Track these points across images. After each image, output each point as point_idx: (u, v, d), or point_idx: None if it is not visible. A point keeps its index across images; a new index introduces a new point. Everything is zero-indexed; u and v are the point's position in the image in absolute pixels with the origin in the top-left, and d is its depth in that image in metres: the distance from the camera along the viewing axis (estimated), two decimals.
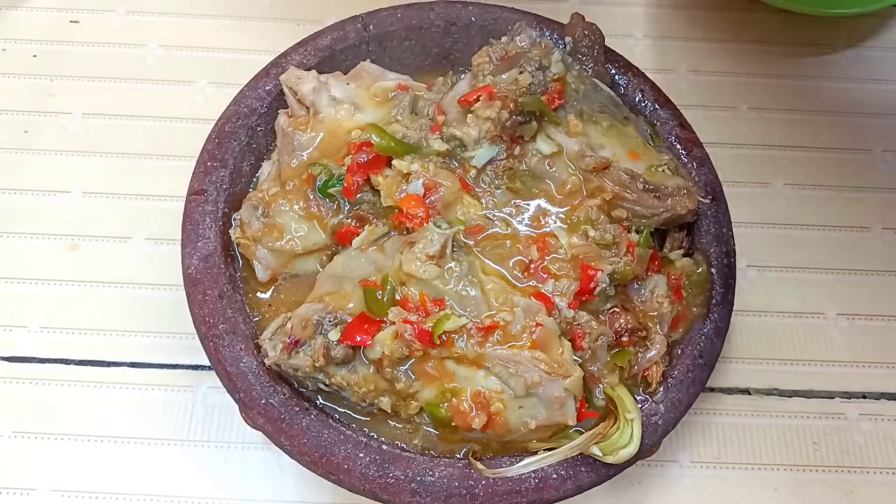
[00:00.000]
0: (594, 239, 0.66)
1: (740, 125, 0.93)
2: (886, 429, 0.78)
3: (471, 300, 0.62)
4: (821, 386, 0.80)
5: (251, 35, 0.95)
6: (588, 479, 0.62)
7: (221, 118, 0.75)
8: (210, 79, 0.93)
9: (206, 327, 0.66)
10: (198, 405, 0.77)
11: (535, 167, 0.69)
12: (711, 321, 0.69)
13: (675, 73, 0.96)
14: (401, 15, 0.80)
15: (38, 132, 0.89)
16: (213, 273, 0.68)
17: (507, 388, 0.61)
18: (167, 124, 0.90)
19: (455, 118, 0.70)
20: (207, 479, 0.74)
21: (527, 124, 0.68)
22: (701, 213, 0.73)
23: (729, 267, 0.71)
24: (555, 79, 0.71)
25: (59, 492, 0.73)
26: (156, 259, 0.83)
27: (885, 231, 0.87)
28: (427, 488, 0.61)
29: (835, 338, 0.82)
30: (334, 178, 0.68)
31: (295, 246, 0.69)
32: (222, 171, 0.72)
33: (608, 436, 0.61)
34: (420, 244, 0.62)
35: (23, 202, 0.85)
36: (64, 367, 0.78)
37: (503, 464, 0.62)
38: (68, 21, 0.96)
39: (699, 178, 0.75)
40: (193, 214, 0.70)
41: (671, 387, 0.66)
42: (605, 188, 0.68)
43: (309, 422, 0.63)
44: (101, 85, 0.92)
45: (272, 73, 0.77)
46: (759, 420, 0.78)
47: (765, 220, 0.88)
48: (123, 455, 0.74)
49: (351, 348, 0.62)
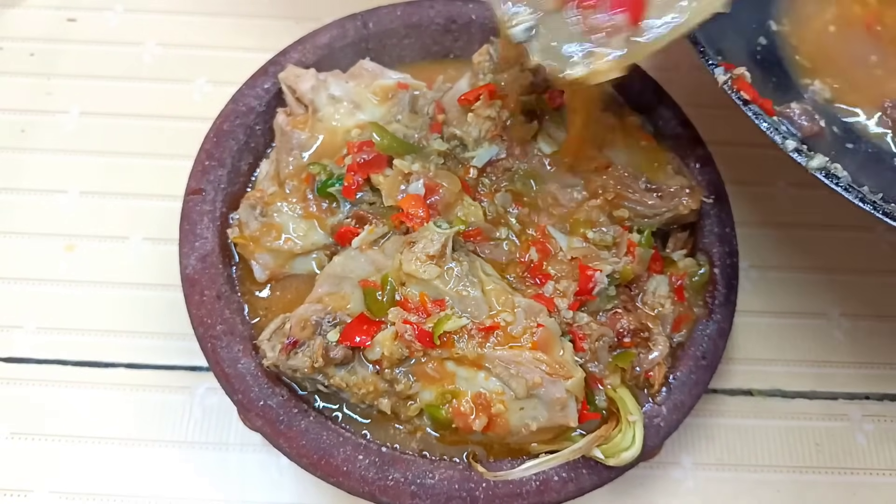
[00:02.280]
0: (594, 240, 0.66)
1: (743, 124, 0.92)
2: (889, 430, 0.78)
3: (471, 300, 0.61)
4: (823, 387, 0.79)
5: (250, 33, 0.95)
6: (589, 481, 0.62)
7: (219, 117, 0.74)
8: (208, 77, 0.92)
9: (204, 328, 0.66)
10: (195, 406, 0.76)
11: (535, 167, 0.69)
12: (714, 322, 0.68)
13: (678, 72, 0.95)
14: (400, 13, 0.79)
15: (35, 131, 0.89)
16: (211, 273, 0.68)
17: (507, 389, 0.60)
18: (165, 123, 0.90)
19: (455, 117, 0.69)
20: (205, 480, 0.73)
21: (528, 123, 0.68)
22: (703, 213, 0.72)
23: (732, 267, 0.71)
24: None
25: (57, 493, 0.72)
26: (153, 259, 0.82)
27: (888, 231, 0.87)
28: (427, 491, 0.61)
29: (837, 339, 0.82)
30: (334, 178, 0.68)
31: (293, 246, 0.68)
32: (220, 171, 0.72)
33: (610, 438, 0.61)
34: (420, 244, 0.62)
35: (20, 202, 0.85)
36: (61, 367, 0.77)
37: (504, 466, 0.62)
38: (66, 19, 0.96)
39: (702, 177, 0.74)
40: (191, 214, 0.70)
41: (673, 388, 0.66)
42: (607, 188, 0.67)
43: (308, 423, 0.63)
44: (98, 84, 0.92)
45: (271, 71, 0.76)
46: (761, 421, 0.78)
47: (767, 221, 0.87)
48: (121, 457, 0.74)
49: (350, 349, 0.61)
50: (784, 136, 0.59)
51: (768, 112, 0.60)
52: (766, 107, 0.60)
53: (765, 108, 0.60)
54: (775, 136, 0.59)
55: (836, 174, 0.58)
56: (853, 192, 0.57)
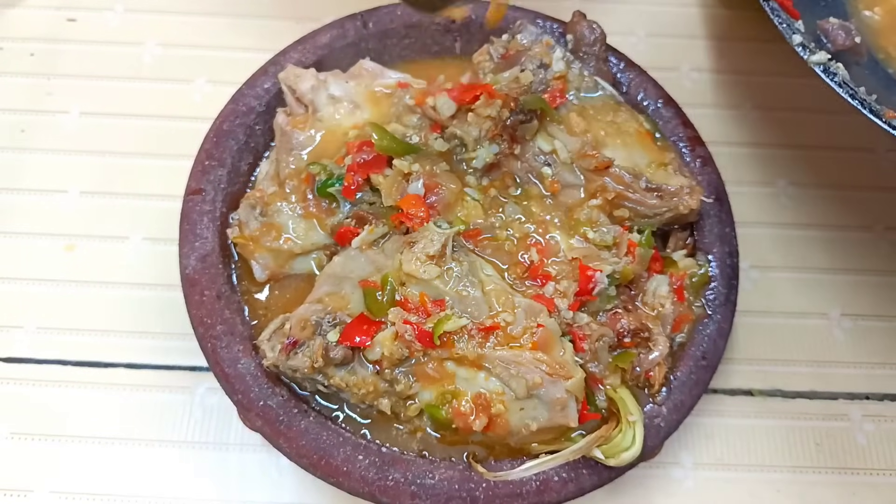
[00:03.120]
0: (594, 240, 0.66)
1: (744, 124, 0.92)
2: (889, 430, 0.78)
3: (471, 301, 0.61)
4: (824, 387, 0.79)
5: (250, 33, 0.95)
6: (589, 481, 0.62)
7: (219, 117, 0.74)
8: (208, 77, 0.92)
9: (204, 328, 0.66)
10: (195, 407, 0.76)
11: (535, 167, 0.69)
12: (714, 322, 0.68)
13: (678, 72, 0.95)
14: (400, 12, 0.79)
15: (35, 131, 0.89)
16: (211, 273, 0.68)
17: (507, 389, 0.60)
18: (165, 123, 0.90)
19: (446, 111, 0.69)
20: (205, 480, 0.73)
21: (528, 123, 0.68)
22: (704, 213, 0.72)
23: (732, 267, 0.71)
24: (556, 77, 0.71)
25: (57, 493, 0.72)
26: (153, 259, 0.82)
27: (889, 231, 0.87)
28: (427, 491, 0.61)
29: (838, 338, 0.82)
30: (333, 178, 0.68)
31: (293, 246, 0.68)
32: (220, 171, 0.72)
33: (610, 438, 0.61)
34: (420, 244, 0.62)
35: (20, 202, 0.85)
36: (61, 367, 0.77)
37: (504, 467, 0.62)
38: (66, 19, 0.96)
39: (702, 177, 0.74)
40: (191, 214, 0.70)
41: (674, 388, 0.66)
42: (607, 188, 0.67)
43: (308, 424, 0.63)
44: (98, 84, 0.92)
45: (271, 71, 0.76)
46: (761, 421, 0.77)
47: (768, 220, 0.87)
48: (121, 457, 0.74)
49: (350, 349, 0.61)
50: (794, 31, 0.60)
51: (791, 14, 0.61)
52: (787, 4, 0.61)
53: (784, 5, 0.61)
54: (784, 29, 0.60)
55: (833, 71, 0.58)
56: (845, 89, 0.58)
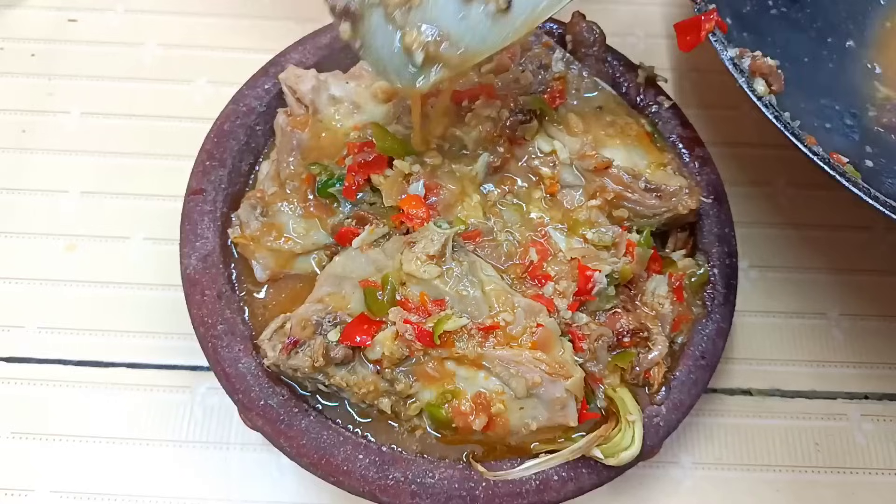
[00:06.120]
0: (593, 241, 0.66)
1: (743, 125, 0.92)
2: (888, 430, 0.78)
3: (471, 300, 0.61)
4: (822, 387, 0.79)
5: (250, 34, 0.95)
6: (589, 480, 0.62)
7: (220, 117, 0.74)
8: (209, 78, 0.93)
9: (205, 328, 0.66)
10: (196, 406, 0.76)
11: (535, 167, 0.69)
12: (713, 322, 0.69)
13: (678, 72, 0.95)
14: None
15: (36, 132, 0.89)
16: (212, 273, 0.68)
17: (507, 388, 0.60)
18: (166, 123, 0.90)
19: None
20: (206, 480, 0.73)
21: (527, 123, 0.68)
22: (703, 213, 0.72)
23: (731, 267, 0.71)
24: (555, 77, 0.71)
25: (58, 493, 0.72)
26: (154, 259, 0.82)
27: (888, 231, 0.87)
28: (427, 490, 0.61)
29: (837, 338, 0.82)
30: (334, 178, 0.68)
31: (294, 246, 0.69)
32: (221, 171, 0.72)
33: (610, 438, 0.61)
34: (420, 244, 0.62)
35: (20, 202, 0.85)
36: (62, 367, 0.77)
37: (504, 466, 0.62)
38: (67, 20, 0.96)
39: (701, 177, 0.74)
40: (192, 214, 0.70)
41: (673, 388, 0.66)
42: (607, 188, 0.68)
43: (308, 423, 0.63)
44: (99, 84, 0.92)
45: (271, 71, 0.76)
46: (760, 421, 0.78)
47: (767, 220, 0.87)
48: (122, 456, 0.74)
49: (350, 349, 0.61)
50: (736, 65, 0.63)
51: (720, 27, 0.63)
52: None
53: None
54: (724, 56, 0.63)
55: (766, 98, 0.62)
56: (770, 110, 0.61)
